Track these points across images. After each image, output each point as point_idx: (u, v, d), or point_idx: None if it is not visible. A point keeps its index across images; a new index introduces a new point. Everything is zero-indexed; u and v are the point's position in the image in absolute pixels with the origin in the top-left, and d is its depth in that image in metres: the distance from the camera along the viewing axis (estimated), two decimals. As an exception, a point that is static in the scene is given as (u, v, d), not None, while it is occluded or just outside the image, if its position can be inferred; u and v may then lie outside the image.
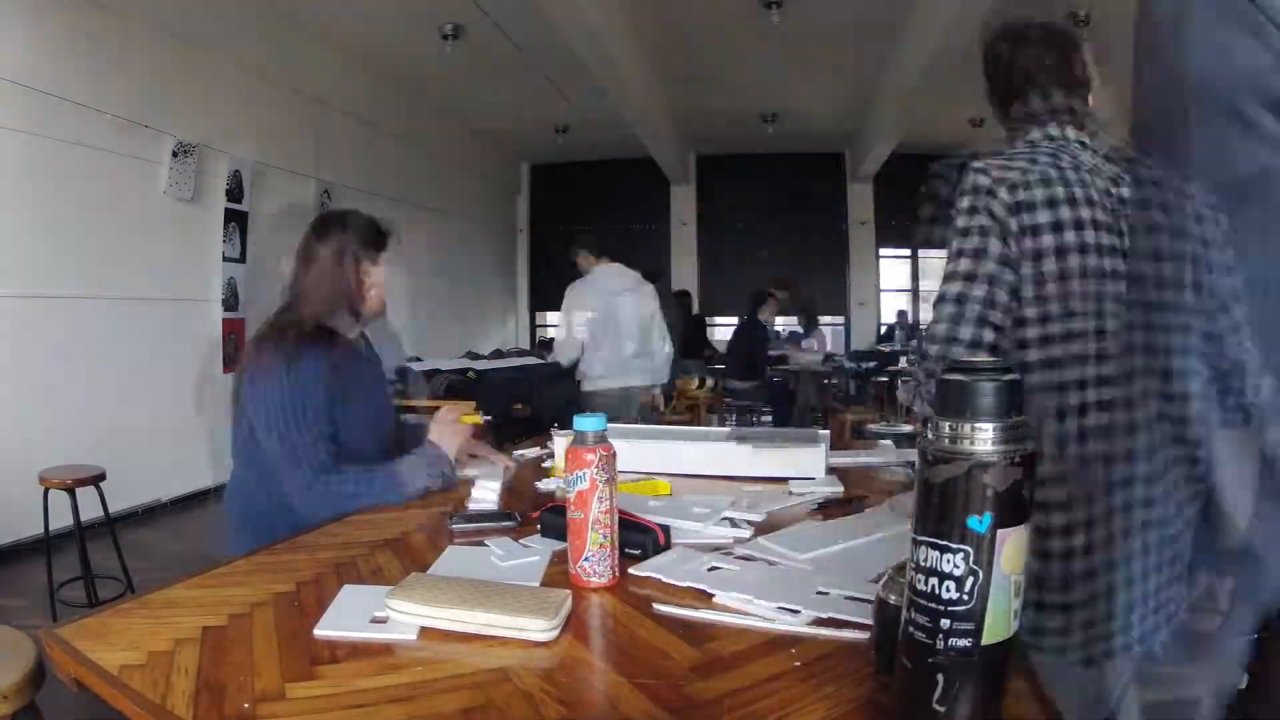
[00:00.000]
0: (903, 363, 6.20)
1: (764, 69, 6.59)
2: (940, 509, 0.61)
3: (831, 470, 1.67)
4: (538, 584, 1.03)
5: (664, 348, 3.86)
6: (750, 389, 6.08)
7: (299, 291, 1.63)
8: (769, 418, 5.69)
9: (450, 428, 1.62)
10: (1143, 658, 0.98)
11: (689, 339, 6.75)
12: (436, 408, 1.71)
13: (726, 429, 1.95)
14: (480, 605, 0.90)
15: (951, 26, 4.71)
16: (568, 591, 0.95)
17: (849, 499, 1.49)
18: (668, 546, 1.17)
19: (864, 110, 7.63)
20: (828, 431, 1.86)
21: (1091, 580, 1.03)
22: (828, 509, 1.44)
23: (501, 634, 0.87)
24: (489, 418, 1.51)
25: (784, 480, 1.59)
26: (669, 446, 1.69)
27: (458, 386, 4.65)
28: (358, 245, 1.65)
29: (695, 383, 6.44)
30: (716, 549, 1.16)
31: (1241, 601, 0.90)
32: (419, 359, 5.46)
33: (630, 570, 1.05)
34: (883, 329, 9.67)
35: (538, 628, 0.86)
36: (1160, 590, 1.00)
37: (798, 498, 1.48)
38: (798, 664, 0.81)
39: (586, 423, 1.01)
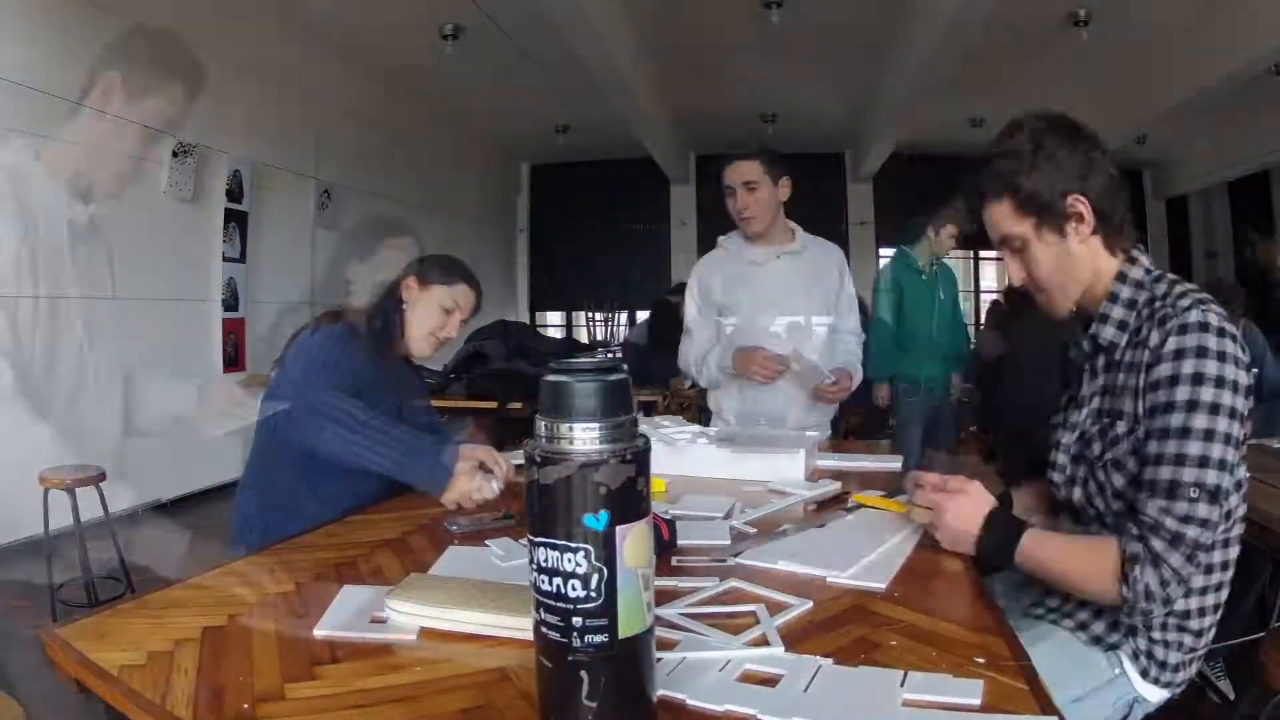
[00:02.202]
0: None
1: (764, 69, 6.57)
2: (555, 509, 0.62)
3: (822, 474, 1.67)
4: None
5: None
6: None
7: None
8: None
9: (471, 465, 1.51)
10: None
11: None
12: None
13: (713, 429, 1.95)
14: (479, 605, 0.90)
15: (951, 26, 4.71)
16: None
17: (844, 495, 1.49)
18: (673, 543, 1.17)
19: (864, 110, 7.62)
20: (815, 435, 1.86)
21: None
22: (825, 505, 1.44)
23: (501, 634, 0.87)
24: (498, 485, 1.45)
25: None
26: (655, 447, 1.69)
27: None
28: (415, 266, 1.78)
29: (688, 383, 6.43)
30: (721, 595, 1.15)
31: None
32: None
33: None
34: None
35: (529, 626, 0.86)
36: None
37: (792, 498, 1.48)
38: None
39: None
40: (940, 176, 4.84)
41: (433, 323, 1.74)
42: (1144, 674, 1.13)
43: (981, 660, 0.80)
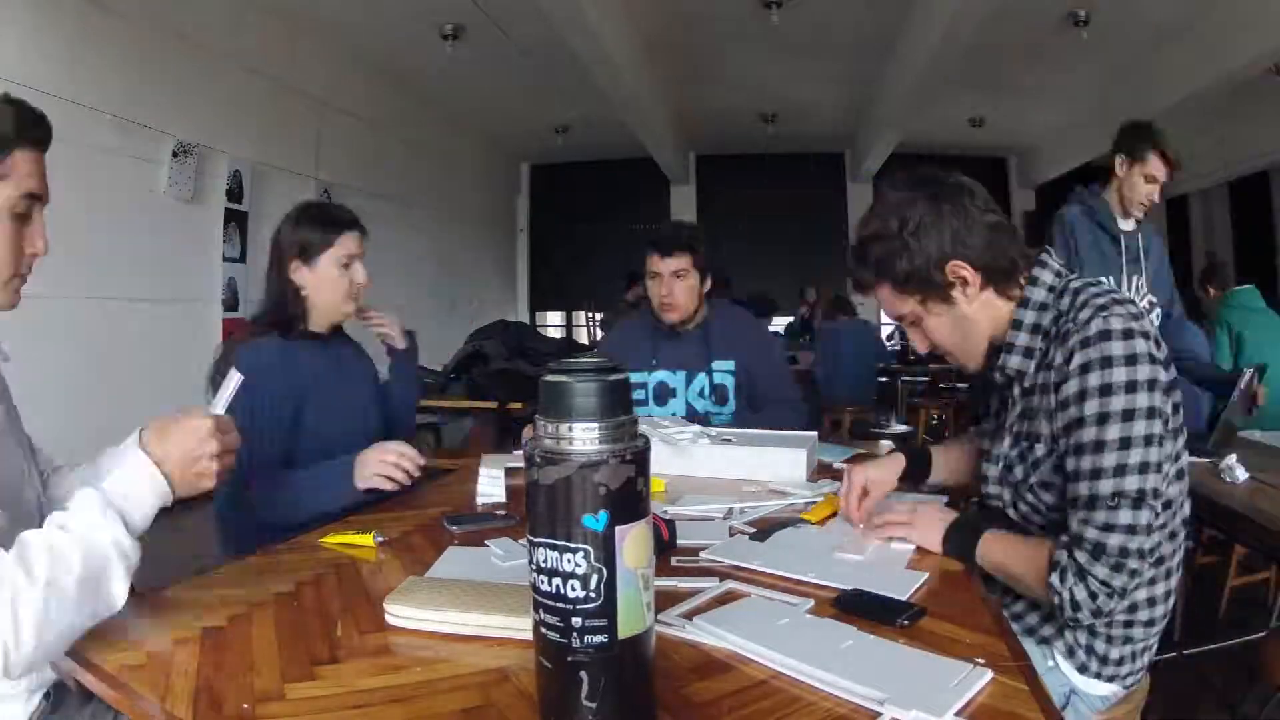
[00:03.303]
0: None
1: (764, 69, 6.58)
2: (555, 510, 0.62)
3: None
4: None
5: None
6: None
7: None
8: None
9: (371, 457, 1.46)
10: None
11: None
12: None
13: (715, 429, 1.94)
14: (478, 607, 0.90)
15: (951, 26, 4.71)
16: None
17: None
18: (673, 543, 1.17)
19: (864, 110, 7.62)
20: (814, 434, 1.86)
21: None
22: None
23: (500, 635, 0.87)
24: (382, 539, 1.26)
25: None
26: (655, 447, 1.69)
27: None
28: (287, 243, 1.61)
29: None
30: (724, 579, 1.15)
31: None
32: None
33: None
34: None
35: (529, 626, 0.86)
36: None
37: (792, 498, 1.48)
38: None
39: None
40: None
41: (340, 289, 1.62)
42: (1082, 669, 1.13)
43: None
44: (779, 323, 8.98)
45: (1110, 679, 1.13)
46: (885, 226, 1.13)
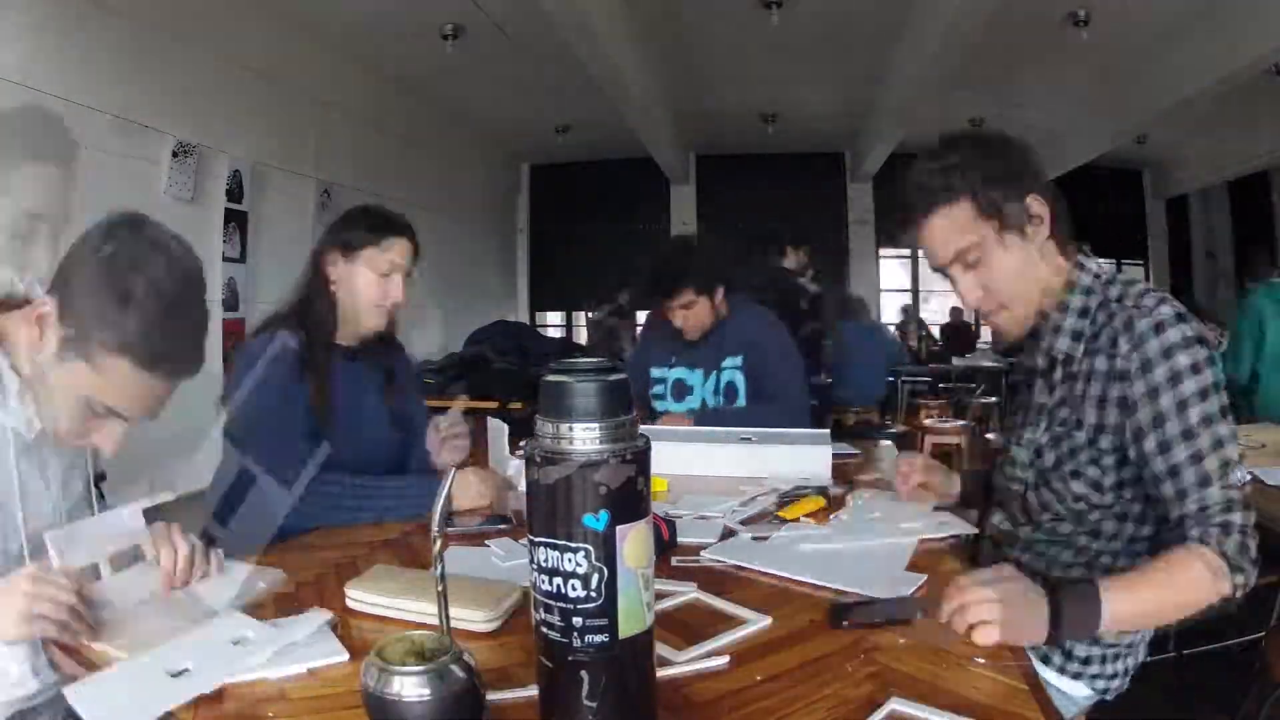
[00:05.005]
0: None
1: (764, 69, 6.57)
2: (555, 509, 0.62)
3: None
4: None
5: None
6: None
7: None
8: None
9: (475, 485, 1.42)
10: None
11: None
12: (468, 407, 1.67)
13: (730, 429, 1.94)
14: (426, 596, 0.90)
15: (951, 27, 4.71)
16: (515, 584, 0.96)
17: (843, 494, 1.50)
18: (673, 543, 1.17)
19: (864, 110, 7.61)
20: (827, 431, 1.86)
21: None
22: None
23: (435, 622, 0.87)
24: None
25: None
26: (671, 447, 1.69)
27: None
28: (330, 238, 1.53)
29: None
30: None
31: None
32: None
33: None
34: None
35: (476, 618, 0.88)
36: None
37: (788, 495, 1.48)
38: (798, 663, 0.82)
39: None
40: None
41: (372, 294, 1.49)
42: (1045, 660, 1.11)
43: (982, 660, 0.80)
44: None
45: (1075, 676, 1.11)
46: (966, 151, 1.10)
